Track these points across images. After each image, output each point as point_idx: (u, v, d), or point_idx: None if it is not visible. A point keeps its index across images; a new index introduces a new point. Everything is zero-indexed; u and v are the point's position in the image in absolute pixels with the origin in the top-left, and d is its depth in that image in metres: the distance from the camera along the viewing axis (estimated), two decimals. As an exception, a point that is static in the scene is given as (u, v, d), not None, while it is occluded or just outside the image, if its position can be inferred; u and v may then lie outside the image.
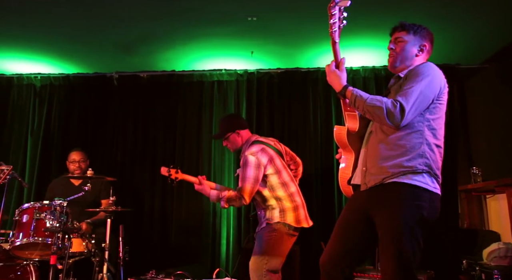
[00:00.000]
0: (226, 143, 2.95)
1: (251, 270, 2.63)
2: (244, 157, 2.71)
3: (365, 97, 1.83)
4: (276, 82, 4.56)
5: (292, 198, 2.73)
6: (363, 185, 1.88)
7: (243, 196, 2.61)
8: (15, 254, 2.86)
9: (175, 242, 4.30)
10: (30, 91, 4.70)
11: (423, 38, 2.01)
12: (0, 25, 3.63)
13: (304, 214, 2.77)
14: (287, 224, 2.67)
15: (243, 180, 2.65)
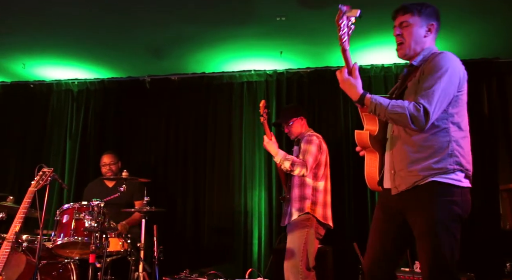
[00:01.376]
0: (287, 130, 3.06)
1: (287, 269, 2.67)
2: (309, 136, 2.87)
3: (385, 104, 1.74)
4: (305, 81, 4.52)
5: (325, 194, 2.85)
6: (393, 189, 1.84)
7: (306, 165, 2.71)
8: (57, 252, 2.98)
9: (208, 242, 4.36)
10: (68, 96, 4.89)
11: (429, 17, 1.88)
12: (40, 34, 3.81)
13: (330, 213, 2.86)
14: (315, 217, 2.75)
15: (306, 153, 2.77)
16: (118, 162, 4.02)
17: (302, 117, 3.07)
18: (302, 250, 2.68)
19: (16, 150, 4.82)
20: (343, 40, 1.76)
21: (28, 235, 3.02)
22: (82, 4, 3.30)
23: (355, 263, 3.54)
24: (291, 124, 3.03)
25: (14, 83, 4.96)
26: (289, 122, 3.04)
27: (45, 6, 3.32)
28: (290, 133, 3.08)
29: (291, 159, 2.76)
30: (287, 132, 3.11)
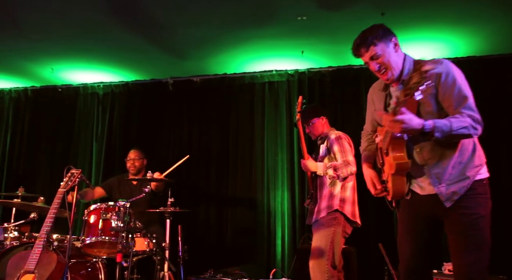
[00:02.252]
0: (308, 130, 3.05)
1: (313, 268, 2.66)
2: (336, 135, 2.86)
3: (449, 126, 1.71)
4: (327, 80, 4.49)
5: (354, 192, 2.84)
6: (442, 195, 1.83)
7: (349, 163, 2.70)
8: (85, 251, 3.06)
9: (231, 242, 4.38)
10: (94, 99, 5.02)
11: (387, 36, 1.90)
12: (67, 39, 3.93)
13: (358, 211, 2.86)
14: (344, 214, 2.74)
15: (343, 151, 2.76)
16: (143, 159, 4.05)
17: (323, 117, 3.05)
18: (328, 249, 2.67)
19: (46, 152, 4.98)
20: None
21: (58, 235, 3.12)
22: (106, 9, 3.38)
23: (380, 264, 3.49)
24: (311, 124, 3.02)
25: (43, 87, 5.12)
26: (309, 122, 3.03)
27: (72, 13, 3.43)
28: (311, 133, 3.07)
29: (333, 166, 2.75)
30: (308, 132, 3.09)
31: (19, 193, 3.48)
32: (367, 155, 2.19)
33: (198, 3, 3.28)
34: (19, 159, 5.01)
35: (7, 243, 3.18)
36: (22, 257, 2.54)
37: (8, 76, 4.79)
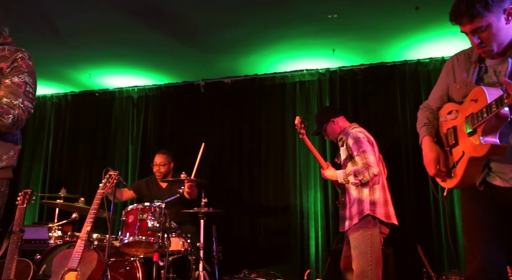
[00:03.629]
0: (326, 137, 3.01)
1: (356, 276, 2.58)
2: (353, 134, 2.75)
3: None
4: (359, 78, 4.41)
5: (384, 191, 2.71)
6: None
7: (370, 165, 2.61)
8: (124, 250, 3.16)
9: (264, 242, 4.39)
10: (129, 103, 5.17)
11: (500, 3, 1.54)
12: (103, 46, 4.07)
13: (393, 210, 2.73)
14: (377, 218, 2.64)
15: (362, 153, 2.66)
16: (170, 164, 4.02)
17: (332, 119, 2.93)
18: (369, 253, 2.58)
19: (85, 154, 5.17)
20: None
21: (98, 234, 3.23)
22: (141, 15, 3.49)
23: (418, 266, 3.39)
24: (325, 131, 2.97)
25: (81, 92, 5.33)
26: (321, 131, 2.98)
27: (108, 20, 3.55)
28: (330, 138, 3.02)
29: (352, 171, 2.67)
30: (327, 138, 3.06)
31: (61, 194, 3.63)
32: (431, 130, 1.88)
33: (231, 4, 3.31)
34: (60, 162, 5.24)
35: (51, 242, 3.33)
36: (66, 255, 2.66)
37: (50, 82, 5.02)
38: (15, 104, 1.65)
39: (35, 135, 5.33)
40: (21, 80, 1.70)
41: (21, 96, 1.68)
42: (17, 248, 2.81)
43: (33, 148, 5.29)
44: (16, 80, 1.69)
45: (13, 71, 1.70)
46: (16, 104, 1.65)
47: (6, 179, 1.73)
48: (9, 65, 1.69)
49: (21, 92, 1.69)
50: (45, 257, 3.11)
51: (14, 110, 1.64)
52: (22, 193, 3.10)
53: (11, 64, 1.70)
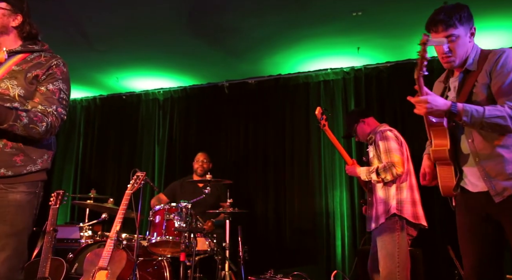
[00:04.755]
0: (357, 138, 3.00)
1: (383, 278, 2.53)
2: (381, 132, 2.72)
3: (481, 110, 1.64)
4: (385, 76, 4.34)
5: (412, 191, 2.65)
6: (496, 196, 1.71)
7: (394, 165, 2.58)
8: (151, 250, 3.22)
9: (290, 242, 4.38)
10: (155, 105, 5.27)
11: (469, 21, 1.78)
12: (130, 50, 4.17)
13: (422, 211, 2.65)
14: (404, 218, 2.57)
15: (388, 152, 2.64)
16: (210, 163, 4.18)
17: (362, 119, 2.93)
18: (396, 255, 2.52)
19: (114, 155, 5.31)
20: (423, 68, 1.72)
21: (127, 234, 3.31)
22: (166, 19, 3.55)
23: (449, 268, 3.30)
24: (355, 132, 2.96)
25: (109, 95, 5.47)
26: (352, 132, 2.98)
27: (133, 24, 3.64)
28: (359, 139, 3.00)
29: (375, 169, 2.64)
30: (358, 140, 3.04)
31: (91, 195, 3.74)
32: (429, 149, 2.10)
33: (255, 5, 3.33)
34: (90, 163, 5.39)
35: (83, 241, 3.43)
36: (96, 254, 2.74)
37: (79, 86, 5.18)
38: (49, 112, 1.70)
39: (66, 138, 5.51)
40: (56, 87, 1.75)
41: (55, 103, 1.73)
42: (51, 247, 2.91)
43: (65, 150, 5.46)
44: (50, 87, 1.74)
45: (48, 78, 1.75)
46: (50, 112, 1.71)
47: (40, 181, 1.79)
48: (44, 72, 1.74)
49: (55, 99, 1.74)
50: (77, 256, 3.21)
51: (48, 117, 1.69)
52: (54, 194, 3.21)
53: (46, 71, 1.75)
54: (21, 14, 1.80)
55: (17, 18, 1.79)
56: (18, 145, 1.69)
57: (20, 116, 1.61)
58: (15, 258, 1.68)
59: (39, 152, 1.76)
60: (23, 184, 1.71)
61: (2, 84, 1.69)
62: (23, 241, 1.71)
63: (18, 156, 1.69)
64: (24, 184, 1.71)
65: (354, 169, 2.81)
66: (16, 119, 1.59)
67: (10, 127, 1.60)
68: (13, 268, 1.67)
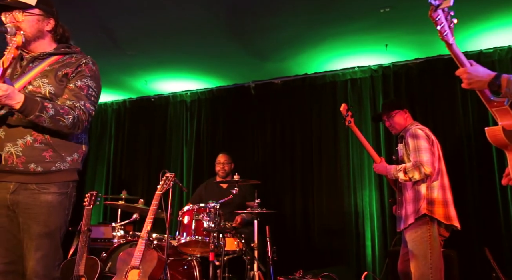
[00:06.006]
0: (389, 123, 2.84)
1: (415, 279, 2.46)
2: (412, 130, 2.63)
3: None
4: (415, 73, 4.23)
5: (444, 191, 2.56)
6: None
7: (422, 164, 2.48)
8: (181, 250, 3.27)
9: (319, 243, 4.34)
10: (183, 107, 5.34)
11: None
12: (158, 53, 4.25)
13: (454, 212, 2.55)
14: (436, 219, 2.48)
15: (417, 151, 2.54)
16: (232, 164, 4.17)
17: (406, 110, 2.82)
18: (429, 256, 2.44)
19: (143, 157, 5.42)
20: (443, 33, 1.55)
21: (157, 234, 3.37)
22: (192, 21, 3.59)
23: (486, 270, 3.18)
24: (393, 116, 2.80)
25: (138, 98, 5.60)
26: (391, 113, 2.80)
27: (160, 27, 3.70)
28: (392, 127, 2.84)
29: (402, 168, 2.55)
30: (388, 126, 2.87)
31: (123, 196, 3.83)
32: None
33: (281, 5, 3.32)
34: (121, 165, 5.53)
35: (115, 241, 3.52)
36: (129, 253, 2.81)
37: (110, 90, 5.32)
38: (77, 106, 1.74)
39: (98, 140, 5.67)
40: (84, 84, 1.80)
41: (83, 98, 1.77)
42: (85, 246, 3.01)
43: (97, 152, 5.63)
44: (79, 84, 1.79)
45: (77, 75, 1.80)
46: (77, 106, 1.74)
47: (71, 182, 1.82)
48: (73, 70, 1.80)
49: (83, 95, 1.78)
50: (110, 255, 3.30)
51: (75, 111, 1.72)
52: (88, 195, 3.32)
53: (76, 69, 1.81)
54: (53, 18, 1.87)
55: (50, 22, 1.86)
56: (47, 140, 1.72)
57: (46, 107, 1.63)
58: (51, 256, 1.74)
59: (68, 150, 1.79)
60: (54, 185, 1.74)
61: (34, 82, 1.75)
62: (56, 240, 1.76)
63: (47, 151, 1.72)
64: (55, 185, 1.75)
65: (382, 167, 2.73)
66: (42, 110, 1.62)
67: (37, 118, 1.62)
68: (49, 266, 1.73)
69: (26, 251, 1.72)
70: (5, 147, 1.69)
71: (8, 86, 1.57)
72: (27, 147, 1.70)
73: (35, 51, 1.84)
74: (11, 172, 1.70)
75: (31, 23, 1.79)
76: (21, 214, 1.72)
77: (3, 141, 1.70)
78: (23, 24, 1.77)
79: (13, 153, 1.69)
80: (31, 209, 1.71)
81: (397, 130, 2.82)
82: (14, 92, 1.58)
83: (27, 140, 1.70)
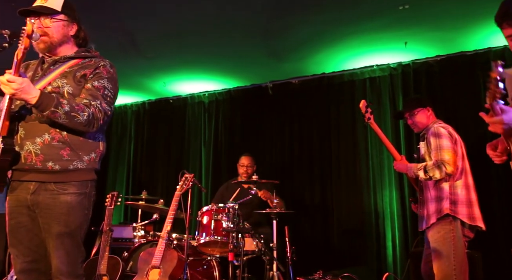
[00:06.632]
0: (411, 121, 2.77)
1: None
2: (434, 129, 2.57)
3: None
4: (435, 71, 4.15)
5: (468, 191, 2.49)
6: None
7: (444, 163, 2.42)
8: (201, 250, 3.29)
9: (338, 243, 4.31)
10: (201, 108, 5.38)
11: None
12: (177, 55, 4.30)
13: (479, 212, 2.47)
14: (459, 219, 2.42)
15: (439, 149, 2.47)
16: (254, 166, 4.15)
17: (429, 108, 2.74)
18: (452, 257, 2.38)
19: (163, 158, 5.49)
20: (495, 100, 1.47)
21: (177, 234, 3.40)
22: (209, 22, 3.62)
23: (512, 272, 3.09)
24: (415, 114, 2.72)
25: (157, 100, 5.67)
26: (413, 111, 2.73)
27: (178, 29, 3.74)
28: (414, 125, 2.77)
29: (423, 167, 2.49)
30: (410, 124, 2.80)
31: (143, 196, 3.89)
32: None
33: (298, 5, 3.31)
34: (141, 165, 5.61)
35: (136, 241, 3.58)
36: (149, 253, 2.85)
37: (129, 92, 5.41)
38: (92, 104, 1.77)
39: (119, 141, 5.77)
40: (101, 84, 1.83)
41: (99, 98, 1.81)
42: (107, 246, 3.07)
43: (117, 153, 5.73)
44: (96, 84, 1.83)
45: (95, 76, 1.84)
46: (93, 104, 1.77)
47: (90, 181, 1.85)
48: (91, 72, 1.85)
49: (100, 95, 1.81)
50: (131, 254, 3.35)
51: (90, 108, 1.75)
52: (110, 195, 3.37)
53: (94, 70, 1.85)
54: (76, 23, 1.92)
55: (74, 27, 1.92)
56: (65, 139, 1.76)
57: (62, 104, 1.66)
58: (73, 255, 1.78)
59: (85, 149, 1.82)
60: (72, 185, 1.78)
61: (54, 83, 1.80)
62: (77, 239, 1.80)
63: (65, 150, 1.76)
64: (74, 185, 1.78)
65: (403, 165, 2.66)
66: (57, 106, 1.65)
67: (52, 114, 1.65)
68: (73, 264, 1.77)
69: (49, 250, 1.77)
70: (24, 145, 1.74)
71: (23, 79, 1.60)
72: (45, 145, 1.74)
73: (59, 55, 1.89)
74: (30, 171, 1.74)
75: (58, 28, 1.85)
76: (41, 214, 1.76)
77: (23, 139, 1.75)
78: (50, 30, 1.83)
79: (32, 151, 1.73)
80: (51, 210, 1.75)
81: (419, 128, 2.75)
82: (29, 86, 1.62)
83: (45, 138, 1.74)
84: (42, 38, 1.81)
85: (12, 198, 1.79)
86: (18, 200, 1.77)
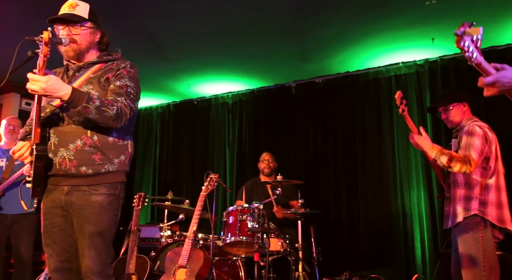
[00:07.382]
0: (445, 116, 2.64)
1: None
2: (469, 127, 2.45)
3: None
4: (465, 67, 4.00)
5: (499, 192, 2.38)
6: None
7: (470, 161, 2.30)
8: (226, 250, 3.31)
9: (365, 243, 4.24)
10: (225, 109, 5.42)
11: None
12: (200, 56, 4.33)
13: (509, 215, 2.37)
14: (487, 220, 2.32)
15: (469, 147, 2.35)
16: (276, 162, 4.22)
17: (465, 104, 2.60)
18: (482, 259, 2.29)
19: (188, 158, 5.56)
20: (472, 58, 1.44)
21: (203, 234, 3.44)
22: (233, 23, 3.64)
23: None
24: (450, 109, 2.59)
25: (182, 101, 5.74)
26: (448, 106, 2.60)
27: (202, 31, 3.77)
28: (448, 120, 2.64)
29: (449, 154, 2.35)
30: (444, 119, 2.67)
31: (169, 197, 3.94)
32: None
33: (322, 4, 3.29)
34: (167, 167, 5.70)
35: (163, 241, 3.63)
36: (176, 253, 2.89)
37: (155, 94, 5.51)
38: (118, 100, 1.82)
39: (145, 143, 5.89)
40: (122, 83, 1.88)
41: (123, 95, 1.85)
42: (135, 245, 3.13)
43: (144, 154, 5.84)
44: (118, 83, 1.88)
45: (116, 77, 1.90)
46: (118, 100, 1.82)
47: (120, 183, 1.91)
48: (114, 74, 1.91)
49: (123, 92, 1.86)
50: (158, 254, 3.41)
51: (118, 103, 1.80)
52: (137, 196, 3.44)
53: (115, 72, 1.91)
54: (100, 30, 1.99)
55: (98, 33, 1.98)
56: (96, 144, 1.82)
57: (92, 98, 1.70)
58: (103, 254, 1.83)
59: (115, 152, 1.88)
60: (103, 186, 1.84)
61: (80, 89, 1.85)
62: (107, 239, 1.85)
63: (96, 154, 1.82)
64: (104, 186, 1.84)
65: (426, 143, 2.45)
66: (88, 101, 1.69)
67: (84, 109, 1.69)
68: (102, 263, 1.82)
69: (81, 250, 1.82)
70: (58, 152, 1.81)
71: (49, 76, 1.63)
72: (78, 151, 1.80)
73: (84, 61, 1.95)
74: (65, 176, 1.82)
75: (86, 36, 1.91)
76: (74, 214, 1.83)
77: (57, 146, 1.82)
78: (79, 37, 1.89)
79: (66, 157, 1.80)
80: (83, 210, 1.81)
81: (453, 124, 2.63)
82: (58, 82, 1.65)
83: (77, 144, 1.81)
84: (71, 45, 1.87)
85: (47, 200, 1.86)
86: (53, 201, 1.85)
